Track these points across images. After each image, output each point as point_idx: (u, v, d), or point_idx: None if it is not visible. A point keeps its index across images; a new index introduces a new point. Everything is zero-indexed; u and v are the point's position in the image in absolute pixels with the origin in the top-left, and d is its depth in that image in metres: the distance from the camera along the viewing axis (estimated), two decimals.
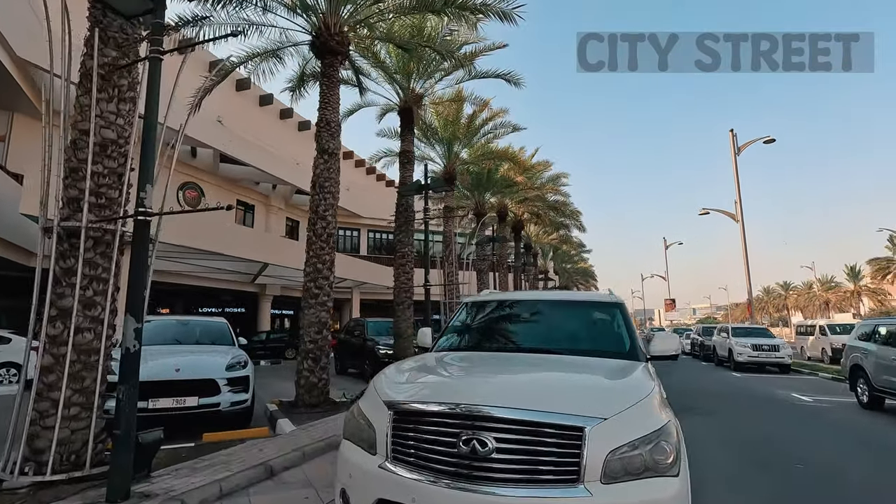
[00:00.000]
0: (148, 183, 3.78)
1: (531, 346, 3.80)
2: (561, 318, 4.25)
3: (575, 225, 24.64)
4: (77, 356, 4.14)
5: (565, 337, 4.00)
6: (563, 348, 3.74)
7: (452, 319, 4.47)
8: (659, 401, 2.67)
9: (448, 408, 2.48)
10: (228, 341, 7.87)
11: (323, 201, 7.89)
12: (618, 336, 3.89)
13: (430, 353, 4.09)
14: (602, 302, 4.27)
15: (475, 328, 4.32)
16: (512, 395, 2.59)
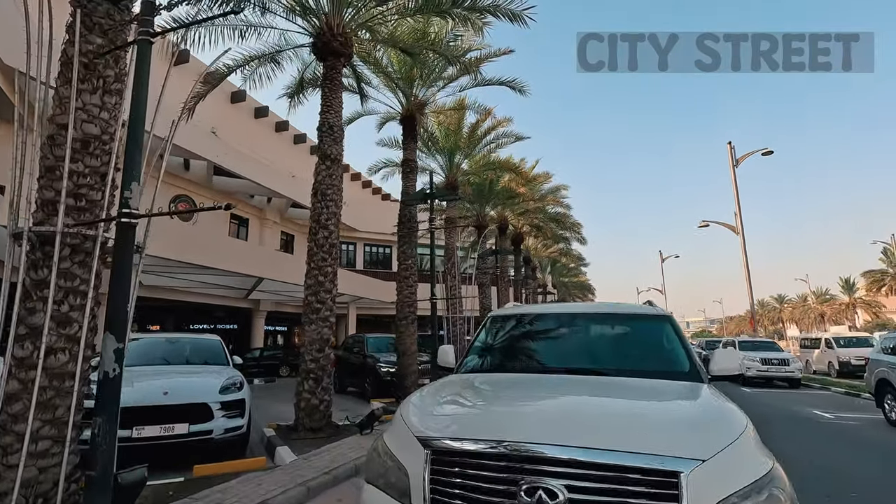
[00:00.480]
0: (134, 181, 3.29)
1: (575, 367, 3.31)
2: (603, 333, 3.77)
3: (576, 237, 24.31)
4: (48, 381, 3.58)
5: (612, 355, 3.51)
6: (612, 368, 3.25)
7: (477, 336, 3.97)
8: (756, 436, 2.19)
9: (503, 447, 1.99)
10: (222, 360, 7.28)
11: (325, 210, 7.41)
12: (672, 353, 3.40)
13: (457, 374, 3.58)
14: (648, 315, 3.79)
15: (506, 346, 3.83)
16: (578, 429, 2.10)
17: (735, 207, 28.96)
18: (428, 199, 9.29)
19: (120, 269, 3.21)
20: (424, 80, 11.25)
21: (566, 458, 1.89)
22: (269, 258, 19.01)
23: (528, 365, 3.51)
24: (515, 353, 3.70)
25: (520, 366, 3.53)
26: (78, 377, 3.62)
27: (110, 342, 3.07)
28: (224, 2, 7.97)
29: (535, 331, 3.89)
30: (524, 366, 3.51)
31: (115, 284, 3.17)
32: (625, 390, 2.85)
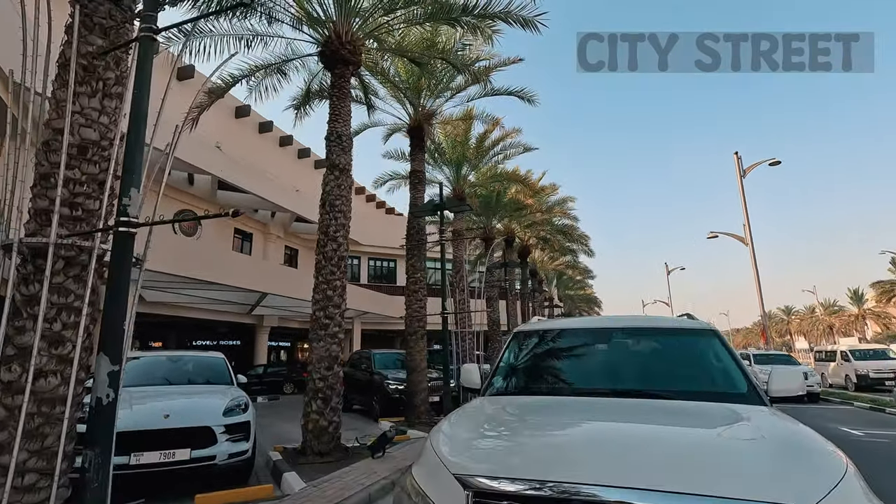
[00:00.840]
0: (133, 187, 3.01)
1: (619, 388, 2.98)
2: (644, 350, 3.44)
3: (583, 250, 23.99)
4: (37, 407, 3.27)
5: (658, 374, 3.18)
6: (661, 390, 2.92)
7: (504, 354, 3.64)
8: (859, 476, 1.85)
9: (561, 490, 1.68)
10: (226, 380, 6.94)
11: (333, 221, 7.13)
12: (725, 372, 3.07)
13: (485, 397, 3.26)
14: (691, 329, 3.47)
15: (537, 365, 3.50)
16: (646, 468, 1.77)
17: (743, 218, 28.70)
18: (437, 211, 9.02)
19: (116, 283, 2.91)
20: (432, 91, 11.07)
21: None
22: (273, 273, 18.76)
23: (566, 386, 3.18)
24: (549, 373, 3.37)
25: (556, 387, 3.20)
26: (69, 402, 3.30)
27: (104, 364, 2.76)
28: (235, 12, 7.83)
29: (567, 347, 3.56)
30: (561, 387, 3.19)
31: (110, 300, 2.88)
32: (682, 416, 2.52)
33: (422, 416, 9.93)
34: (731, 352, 3.19)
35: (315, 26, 8.19)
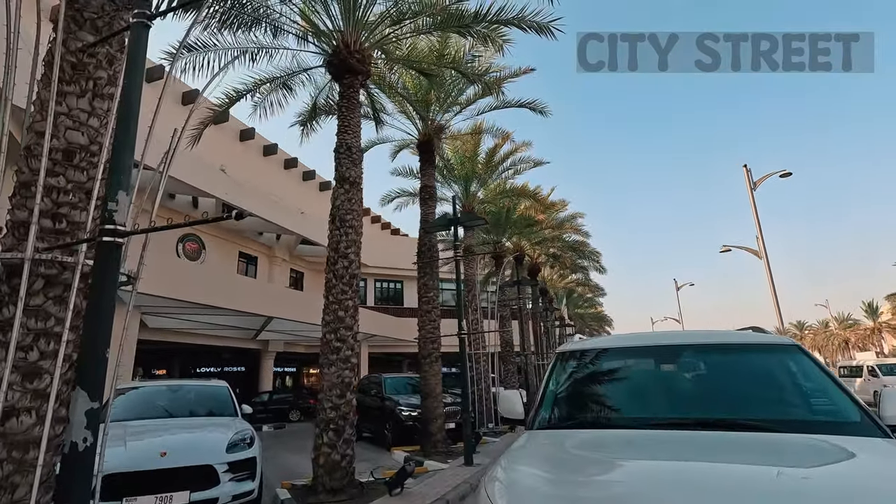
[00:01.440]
0: (121, 189, 2.58)
1: (698, 418, 2.47)
2: (719, 370, 2.93)
3: (594, 266, 23.45)
4: (7, 452, 2.78)
5: (744, 400, 2.66)
6: (755, 419, 2.41)
7: (549, 380, 3.14)
8: None
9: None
10: (230, 411, 6.42)
11: (344, 237, 6.70)
12: (825, 395, 2.56)
13: (535, 431, 2.74)
14: (770, 344, 2.96)
15: (593, 391, 3.00)
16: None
17: (756, 231, 28.15)
18: (451, 226, 8.58)
19: (98, 302, 2.45)
20: (441, 103, 10.77)
21: None
22: (279, 296, 18.28)
23: (632, 416, 2.67)
24: (609, 401, 2.86)
25: (620, 417, 2.69)
26: (44, 445, 2.81)
27: (82, 401, 2.28)
28: (240, 23, 7.58)
29: (625, 369, 3.06)
30: (626, 417, 2.67)
31: (90, 322, 2.41)
32: (797, 454, 2.01)
33: (438, 445, 9.30)
34: (825, 370, 2.68)
35: (322, 38, 7.93)
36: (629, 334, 3.73)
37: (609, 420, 2.69)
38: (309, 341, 24.62)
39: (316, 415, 6.37)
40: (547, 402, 2.98)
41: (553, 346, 23.66)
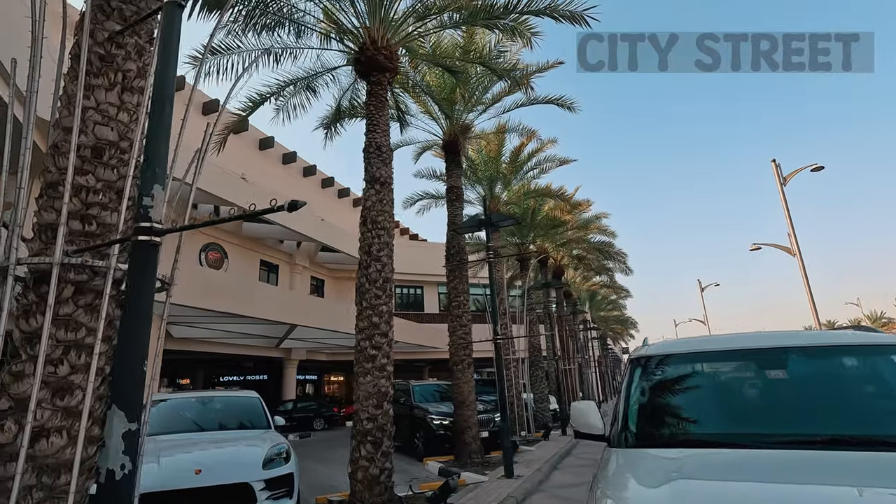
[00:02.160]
0: (157, 183, 2.31)
1: (835, 435, 2.08)
2: (840, 377, 2.53)
3: (620, 268, 22.83)
4: (37, 478, 2.51)
5: (881, 413, 2.26)
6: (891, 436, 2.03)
7: (630, 389, 2.77)
8: None
9: None
10: (262, 423, 6.15)
11: (377, 239, 6.41)
12: None
13: (626, 450, 2.38)
14: (887, 345, 2.55)
15: (696, 403, 2.61)
16: None
17: (788, 228, 27.19)
18: (482, 227, 8.24)
19: (135, 309, 2.17)
20: (467, 102, 10.48)
21: None
22: (302, 304, 18.15)
23: (751, 432, 2.29)
24: (716, 414, 2.48)
25: (736, 434, 2.31)
26: (76, 469, 2.54)
27: (118, 422, 2.00)
28: (264, 24, 7.41)
29: (727, 376, 2.68)
30: (745, 434, 2.29)
31: (127, 332, 2.14)
32: None
33: (474, 455, 8.92)
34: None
35: (347, 36, 7.71)
36: (719, 336, 3.34)
37: (717, 437, 2.31)
38: (331, 349, 24.46)
39: (352, 426, 6.07)
40: (633, 415, 2.61)
41: (580, 349, 23.08)
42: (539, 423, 14.25)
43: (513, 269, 20.78)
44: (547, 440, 12.04)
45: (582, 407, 2.90)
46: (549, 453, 9.70)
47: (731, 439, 2.25)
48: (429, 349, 25.70)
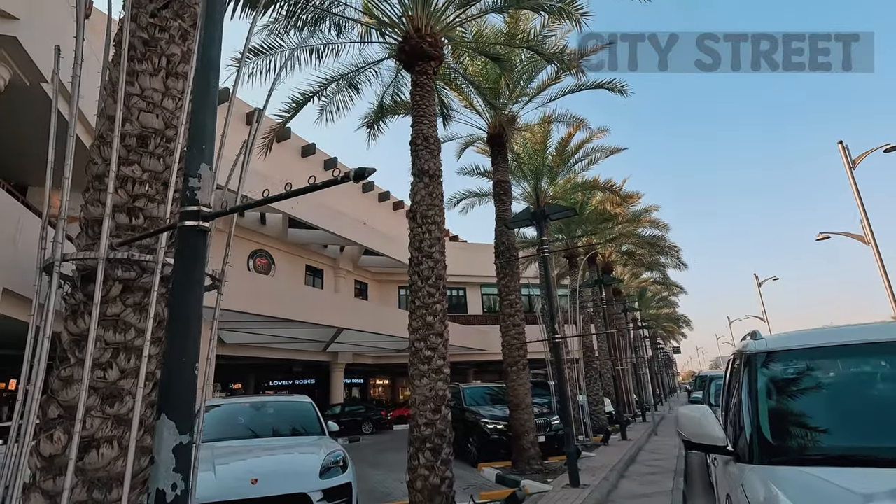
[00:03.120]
0: (204, 162, 2.04)
1: None
2: None
3: (674, 263, 21.65)
4: (87, 493, 2.29)
5: None
6: None
7: (755, 391, 2.28)
8: None
9: None
10: (316, 429, 5.94)
11: (428, 235, 6.10)
12: None
13: (769, 466, 1.90)
14: None
15: (846, 409, 2.10)
16: None
17: (861, 214, 25.11)
18: (535, 220, 7.78)
19: (184, 304, 1.90)
20: (512, 90, 10.05)
21: None
22: (347, 307, 18.19)
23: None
24: (892, 421, 1.97)
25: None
26: (127, 484, 2.30)
27: (168, 434, 1.72)
28: (305, 20, 7.28)
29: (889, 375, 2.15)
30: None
31: (175, 331, 1.86)
32: None
33: (532, 461, 8.44)
34: None
35: (389, 28, 7.48)
36: (855, 326, 2.79)
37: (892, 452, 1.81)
38: (376, 352, 24.49)
39: (409, 431, 5.75)
40: (766, 423, 2.13)
41: (633, 349, 22.06)
42: (595, 427, 13.56)
43: (559, 267, 20.07)
44: (607, 445, 11.37)
45: (695, 414, 2.43)
46: (613, 460, 9.08)
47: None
48: (474, 351, 25.30)
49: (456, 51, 9.37)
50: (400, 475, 8.53)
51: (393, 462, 10.95)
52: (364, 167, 1.66)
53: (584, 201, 15.78)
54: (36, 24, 7.87)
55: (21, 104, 8.66)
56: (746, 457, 2.06)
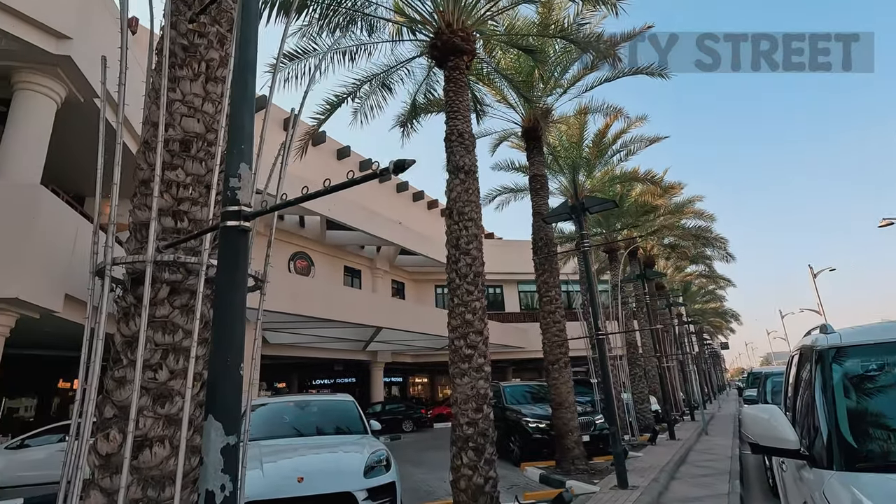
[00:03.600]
0: (243, 161, 2.03)
1: None
2: None
3: (720, 255, 20.69)
4: (142, 491, 2.34)
5: None
6: None
7: (831, 388, 2.08)
8: None
9: None
10: (358, 427, 5.97)
11: (465, 231, 6.02)
12: None
13: (857, 473, 1.72)
14: None
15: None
16: None
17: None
18: (575, 213, 7.57)
19: (227, 304, 1.90)
20: (546, 83, 9.83)
21: None
22: (386, 307, 18.36)
23: None
24: None
25: None
26: (179, 482, 2.34)
27: (216, 435, 1.71)
28: (337, 22, 7.35)
29: None
30: None
31: (220, 331, 1.86)
32: None
33: (577, 461, 8.24)
34: None
35: (421, 25, 7.44)
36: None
37: None
38: (414, 351, 24.65)
39: (451, 430, 5.70)
40: (847, 426, 1.94)
41: (679, 345, 21.27)
42: (641, 426, 13.14)
43: (599, 262, 19.57)
44: (654, 445, 10.98)
45: (762, 414, 2.25)
46: (662, 460, 8.74)
47: None
48: (512, 349, 25.07)
49: (487, 45, 9.24)
50: (442, 474, 8.50)
51: (435, 461, 10.95)
52: (403, 159, 1.60)
53: (624, 193, 15.30)
54: (86, 42, 8.28)
55: (76, 119, 9.15)
56: (825, 462, 1.88)
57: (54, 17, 7.76)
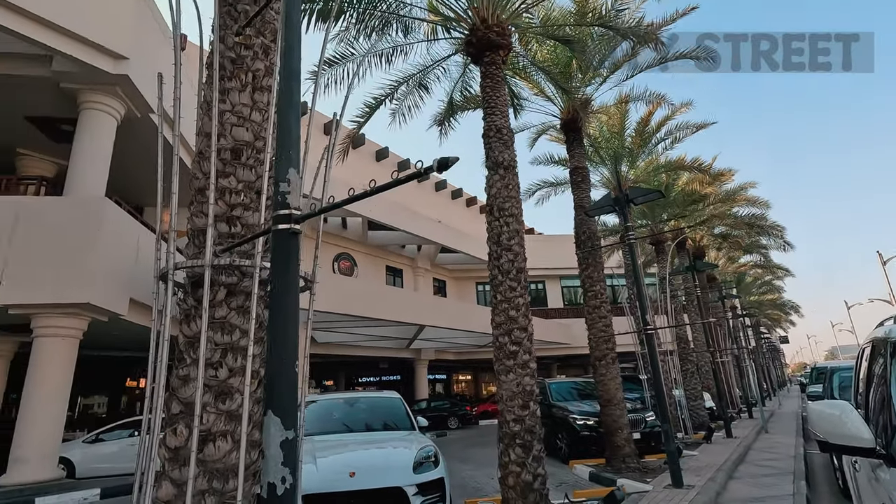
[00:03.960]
0: (291, 166, 2.11)
1: None
2: None
3: (777, 244, 19.54)
4: (208, 482, 2.48)
5: None
6: None
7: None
8: None
9: None
10: (406, 424, 6.06)
11: (506, 227, 5.99)
12: None
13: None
14: None
15: None
16: None
17: None
18: (619, 205, 7.36)
19: (281, 305, 1.98)
20: (585, 73, 9.61)
21: None
22: (428, 305, 18.54)
23: None
24: None
25: None
26: (241, 475, 2.46)
27: (275, 430, 1.79)
28: (373, 26, 7.47)
29: None
30: None
31: (276, 331, 1.94)
32: None
33: (628, 459, 8.03)
34: None
35: (455, 23, 7.45)
36: None
37: None
38: (458, 348, 24.74)
39: (498, 427, 5.69)
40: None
41: (733, 339, 20.32)
42: (695, 424, 12.65)
43: (644, 255, 18.96)
44: (710, 443, 10.55)
45: (832, 411, 2.13)
46: (719, 459, 8.39)
47: None
48: (556, 345, 24.74)
49: (523, 38, 9.13)
50: (489, 470, 8.50)
51: (482, 457, 10.96)
52: (446, 157, 1.61)
53: (670, 183, 14.74)
54: (141, 60, 8.79)
55: (135, 134, 9.73)
56: (874, 452, 1.75)
57: (112, 39, 8.28)
